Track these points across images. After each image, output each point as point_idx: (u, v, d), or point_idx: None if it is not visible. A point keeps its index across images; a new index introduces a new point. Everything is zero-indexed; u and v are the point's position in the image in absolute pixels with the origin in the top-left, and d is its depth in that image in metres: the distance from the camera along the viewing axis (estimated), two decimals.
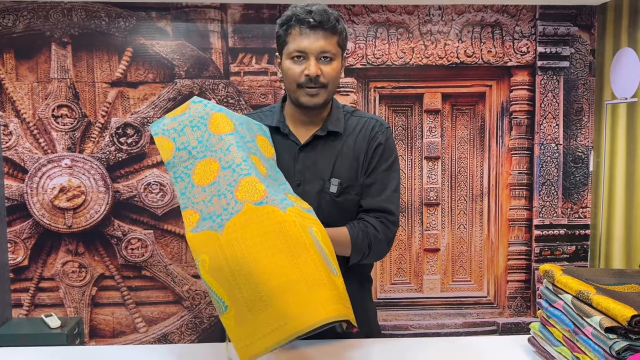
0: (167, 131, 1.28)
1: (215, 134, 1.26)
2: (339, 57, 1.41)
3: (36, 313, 2.94)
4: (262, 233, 1.13)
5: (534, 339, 1.35)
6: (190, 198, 1.23)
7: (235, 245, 1.12)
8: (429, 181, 3.06)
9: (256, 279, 1.10)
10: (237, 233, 1.14)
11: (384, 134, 1.49)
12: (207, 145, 1.25)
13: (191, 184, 1.24)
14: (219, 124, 1.27)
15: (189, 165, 1.25)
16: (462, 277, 3.13)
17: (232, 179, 1.20)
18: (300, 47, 1.36)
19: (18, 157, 2.89)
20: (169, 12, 2.88)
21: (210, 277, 1.13)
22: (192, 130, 1.27)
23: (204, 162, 1.25)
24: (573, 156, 3.08)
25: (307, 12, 1.35)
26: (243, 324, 1.10)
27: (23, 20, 2.83)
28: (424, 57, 2.99)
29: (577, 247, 3.12)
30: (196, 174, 1.24)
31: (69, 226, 2.93)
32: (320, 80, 1.37)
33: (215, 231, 1.15)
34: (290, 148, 1.46)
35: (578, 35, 3.02)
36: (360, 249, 1.41)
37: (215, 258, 1.13)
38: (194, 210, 1.21)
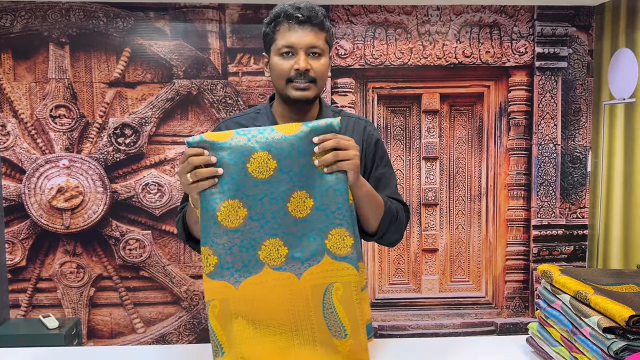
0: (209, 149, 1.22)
1: (252, 177, 1.21)
2: (326, 54, 1.42)
3: (34, 314, 2.94)
4: (273, 298, 1.23)
5: (532, 339, 1.35)
6: (210, 235, 1.21)
7: (247, 304, 1.22)
8: (427, 181, 3.06)
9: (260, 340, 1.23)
10: (252, 293, 1.22)
11: (377, 132, 1.55)
12: (240, 186, 1.21)
13: (214, 219, 1.20)
14: (259, 165, 1.21)
15: (217, 199, 1.20)
16: (461, 278, 3.13)
17: (258, 235, 1.22)
18: (289, 42, 1.36)
19: (16, 157, 2.88)
20: (167, 12, 2.88)
21: (216, 322, 1.21)
22: (228, 164, 1.21)
23: (233, 203, 1.21)
24: (571, 156, 3.09)
25: (295, 8, 1.36)
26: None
27: (21, 21, 2.82)
28: (422, 57, 2.99)
29: (575, 248, 3.12)
30: (222, 212, 1.21)
31: (66, 227, 2.93)
32: (309, 75, 1.37)
33: (232, 285, 1.22)
34: None
35: (576, 35, 3.02)
36: (390, 213, 1.41)
37: (226, 307, 1.22)
38: (213, 252, 1.21)
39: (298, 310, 1.24)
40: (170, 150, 2.95)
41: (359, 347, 1.24)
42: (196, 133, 2.94)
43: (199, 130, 2.94)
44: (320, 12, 1.38)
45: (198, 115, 2.94)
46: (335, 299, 1.23)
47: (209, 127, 2.94)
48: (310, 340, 1.24)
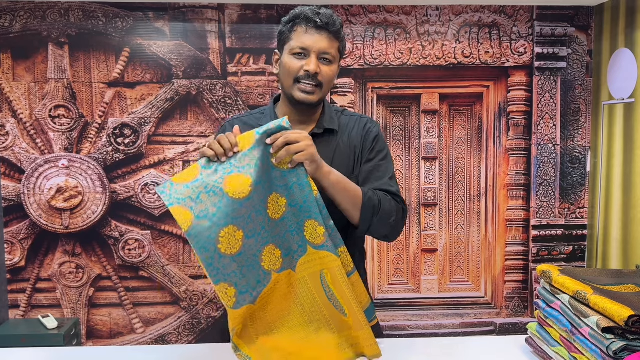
0: (182, 200, 1.22)
1: (234, 199, 1.23)
2: (336, 62, 1.45)
3: (33, 314, 2.94)
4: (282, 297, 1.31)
5: (532, 339, 1.35)
6: (220, 270, 1.22)
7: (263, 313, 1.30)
8: (427, 182, 3.07)
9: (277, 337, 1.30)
10: (265, 301, 1.29)
11: (377, 128, 1.56)
12: (227, 212, 1.22)
13: (218, 254, 1.21)
14: (235, 187, 1.24)
15: (211, 234, 1.21)
16: (460, 278, 3.13)
17: (256, 249, 1.28)
18: (304, 44, 1.39)
19: (15, 157, 2.88)
20: (167, 12, 2.88)
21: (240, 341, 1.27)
22: (208, 197, 1.23)
23: (228, 230, 1.22)
24: (570, 157, 3.09)
25: (315, 13, 1.39)
26: None
27: (20, 21, 2.82)
28: (422, 57, 2.99)
29: (575, 248, 3.12)
30: (221, 242, 1.22)
31: (66, 227, 2.93)
32: (317, 78, 1.40)
33: (252, 304, 1.27)
34: None
35: (575, 36, 3.03)
36: (371, 204, 1.40)
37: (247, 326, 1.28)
38: (228, 284, 1.23)
39: (303, 298, 1.32)
40: (170, 151, 2.95)
41: (360, 324, 1.31)
42: (195, 132, 2.94)
43: (198, 130, 2.94)
44: (338, 21, 1.41)
45: (197, 115, 2.94)
46: (330, 282, 1.31)
47: (209, 127, 2.94)
48: (324, 322, 1.32)
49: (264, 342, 1.28)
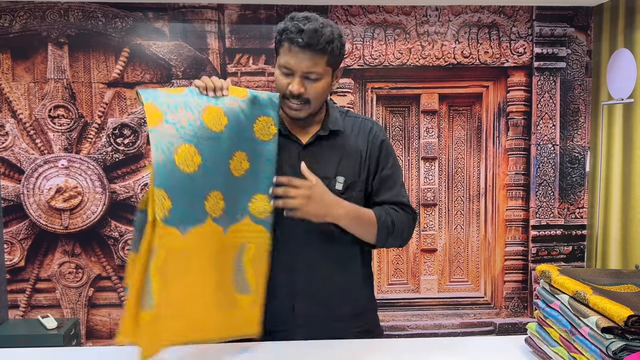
0: (159, 102, 1.25)
1: (207, 128, 1.27)
2: (327, 76, 1.40)
3: (33, 314, 2.93)
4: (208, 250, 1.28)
5: (531, 339, 1.35)
6: (167, 178, 1.20)
7: (187, 254, 1.24)
8: (426, 182, 3.07)
9: (188, 289, 1.25)
10: (194, 242, 1.25)
11: (383, 132, 1.56)
12: (197, 133, 1.25)
13: (171, 162, 1.21)
14: (213, 118, 1.28)
15: (174, 141, 1.22)
16: (459, 278, 3.13)
17: (207, 187, 1.27)
18: (287, 63, 1.36)
19: (14, 157, 2.88)
20: (166, 12, 2.88)
21: (156, 273, 1.19)
22: (185, 111, 1.26)
23: (189, 147, 1.24)
24: (570, 157, 3.09)
25: (298, 30, 1.33)
26: (155, 323, 1.20)
27: (20, 21, 2.82)
28: (421, 57, 2.99)
29: (574, 248, 3.12)
30: (179, 154, 1.22)
31: (65, 227, 2.92)
32: (303, 97, 1.39)
33: (180, 233, 1.22)
34: (293, 148, 1.47)
35: (574, 36, 3.03)
36: (385, 226, 1.44)
37: (169, 258, 1.21)
38: (168, 195, 1.20)
39: (220, 264, 1.30)
40: None
41: (258, 301, 1.35)
42: None
43: None
44: (323, 37, 1.34)
45: None
46: (246, 258, 1.33)
47: None
48: (224, 294, 1.31)
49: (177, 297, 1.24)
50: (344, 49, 1.44)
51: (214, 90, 1.31)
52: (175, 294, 1.23)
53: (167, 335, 1.23)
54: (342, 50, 1.43)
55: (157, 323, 1.20)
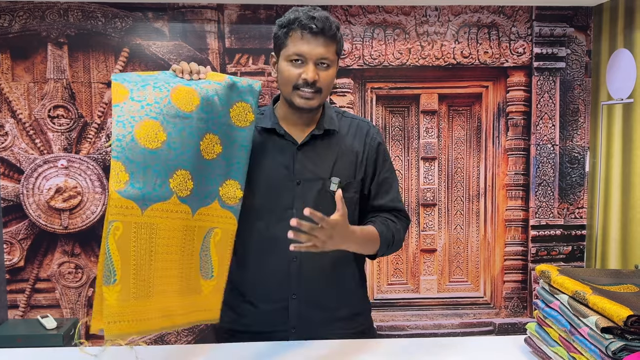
0: (127, 81, 1.26)
1: (175, 107, 1.26)
2: (335, 64, 1.43)
3: (32, 314, 2.93)
4: (172, 229, 1.27)
5: (531, 339, 1.35)
6: (125, 150, 1.20)
7: (150, 231, 1.23)
8: (426, 182, 3.07)
9: (152, 270, 1.23)
10: (156, 219, 1.24)
11: (379, 135, 1.57)
12: (163, 110, 1.25)
13: (131, 136, 1.21)
14: (183, 97, 1.28)
15: (136, 117, 1.22)
16: (459, 278, 3.13)
17: (172, 165, 1.25)
18: (300, 50, 1.37)
19: (14, 157, 2.88)
20: (166, 12, 2.88)
21: (115, 246, 1.19)
22: (153, 90, 1.26)
23: (153, 123, 1.23)
24: (569, 157, 3.09)
25: (310, 17, 1.36)
26: (124, 300, 1.20)
27: (19, 21, 2.82)
28: (421, 57, 2.99)
29: (574, 248, 3.13)
30: (141, 129, 1.22)
31: (65, 227, 2.92)
32: (316, 85, 1.39)
33: (139, 207, 1.21)
34: (288, 148, 1.47)
35: (574, 36, 3.03)
36: (386, 240, 1.47)
37: (127, 231, 1.20)
38: (125, 168, 1.20)
39: (186, 246, 1.30)
40: None
41: (219, 287, 1.36)
42: None
43: None
44: (334, 23, 1.39)
45: None
46: (212, 242, 1.34)
47: None
48: (188, 278, 1.31)
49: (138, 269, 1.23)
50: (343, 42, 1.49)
51: (190, 74, 1.33)
52: (141, 273, 1.22)
53: (132, 316, 1.22)
54: (343, 43, 1.47)
55: (124, 300, 1.20)
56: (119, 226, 1.19)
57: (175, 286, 1.28)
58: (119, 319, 1.20)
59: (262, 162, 1.46)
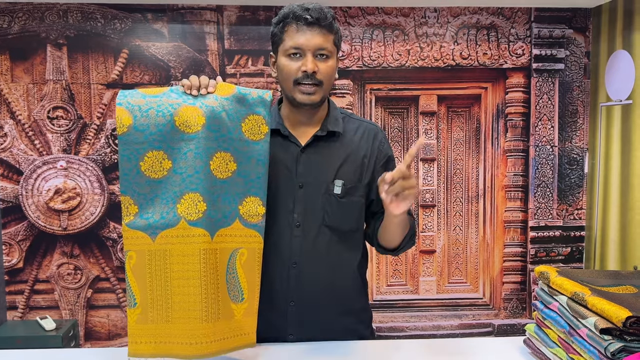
0: (131, 106, 1.24)
1: (179, 130, 1.24)
2: (334, 56, 1.40)
3: (31, 315, 2.93)
4: (187, 254, 1.25)
5: (530, 341, 1.35)
6: (132, 184, 1.23)
7: (162, 256, 1.25)
8: (425, 183, 3.07)
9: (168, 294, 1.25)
10: (168, 246, 1.25)
11: (386, 140, 1.55)
12: (166, 138, 1.24)
13: (137, 169, 1.23)
14: (187, 118, 1.25)
15: (140, 149, 1.23)
16: (458, 279, 3.13)
17: (179, 189, 1.25)
18: (297, 43, 1.35)
19: (13, 158, 2.88)
20: (165, 13, 2.88)
21: (131, 273, 1.25)
22: (155, 115, 1.24)
23: (157, 154, 1.24)
24: (568, 158, 3.09)
25: (304, 9, 1.35)
26: (143, 323, 1.25)
27: (18, 22, 2.82)
28: (420, 59, 3.00)
29: (573, 249, 3.13)
30: (145, 162, 1.23)
31: (64, 228, 2.92)
32: (316, 77, 1.36)
33: (149, 236, 1.25)
34: (291, 150, 1.44)
35: (573, 37, 3.03)
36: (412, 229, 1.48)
37: (141, 259, 1.25)
38: (134, 201, 1.24)
39: (208, 270, 1.26)
40: None
41: (252, 310, 1.32)
42: None
43: None
44: (329, 13, 1.37)
45: None
46: (238, 264, 1.30)
47: None
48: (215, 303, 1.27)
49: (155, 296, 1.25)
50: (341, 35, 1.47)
51: (198, 89, 1.28)
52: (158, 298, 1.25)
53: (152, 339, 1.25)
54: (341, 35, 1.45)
55: (143, 323, 1.25)
56: (132, 255, 1.24)
57: (198, 312, 1.25)
58: (138, 340, 1.25)
59: None
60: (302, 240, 1.42)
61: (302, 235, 1.42)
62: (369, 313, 1.60)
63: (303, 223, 1.42)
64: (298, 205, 1.42)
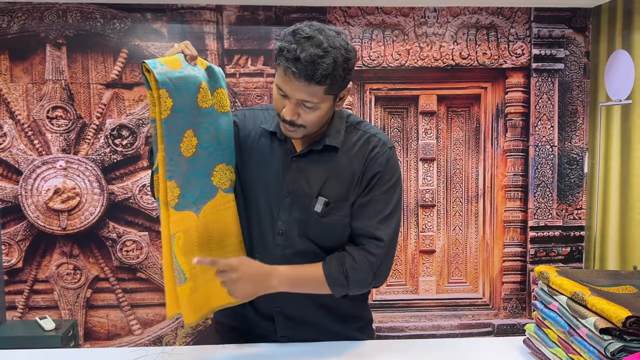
0: (169, 87, 1.19)
1: (198, 106, 1.27)
2: (326, 102, 1.26)
3: (30, 315, 2.93)
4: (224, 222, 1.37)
5: (529, 341, 1.35)
6: (175, 168, 1.24)
7: (206, 229, 1.32)
8: (425, 183, 3.07)
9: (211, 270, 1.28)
10: (209, 217, 1.33)
11: (385, 156, 1.37)
12: (193, 115, 1.26)
13: (178, 152, 1.24)
14: (204, 94, 1.29)
15: (179, 130, 1.24)
16: (458, 279, 3.13)
17: (209, 162, 1.32)
18: (282, 87, 1.24)
19: (12, 158, 2.88)
20: (164, 13, 2.88)
21: (180, 253, 1.27)
22: (186, 93, 1.23)
23: (189, 132, 1.26)
24: (568, 158, 3.09)
25: (294, 58, 1.17)
26: (196, 293, 1.30)
27: (18, 22, 2.82)
28: (420, 59, 2.99)
29: (572, 249, 3.13)
30: (184, 142, 1.25)
31: (63, 228, 2.92)
32: (296, 122, 1.26)
33: (194, 213, 1.30)
34: (284, 155, 1.37)
35: (572, 37, 3.03)
36: (337, 282, 1.31)
37: (189, 237, 1.29)
38: (177, 184, 1.25)
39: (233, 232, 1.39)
40: None
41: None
42: None
43: None
44: (320, 67, 1.18)
45: None
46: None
47: None
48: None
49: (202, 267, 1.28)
50: (350, 74, 1.28)
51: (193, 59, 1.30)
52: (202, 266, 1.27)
53: (203, 302, 1.32)
54: (348, 76, 1.27)
55: (193, 294, 1.30)
56: (180, 235, 1.26)
57: None
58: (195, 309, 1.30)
59: (260, 164, 1.39)
60: (284, 249, 1.36)
61: (284, 244, 1.36)
62: (364, 320, 1.52)
63: (286, 232, 1.36)
64: (283, 213, 1.36)
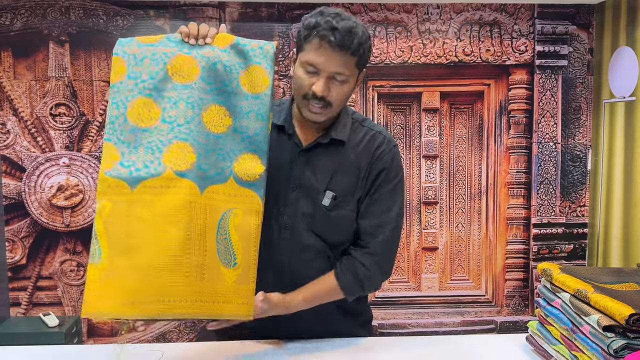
0: (126, 55, 1.20)
1: (171, 79, 1.19)
2: (353, 78, 1.30)
3: (34, 312, 2.94)
4: (173, 206, 1.13)
5: (532, 338, 1.35)
6: (117, 132, 1.17)
7: (142, 206, 1.13)
8: (428, 180, 3.06)
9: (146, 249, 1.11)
10: (150, 196, 1.13)
11: (390, 154, 1.41)
12: (158, 86, 1.19)
13: (124, 117, 1.18)
14: (181, 68, 1.20)
15: (129, 96, 1.19)
16: (461, 276, 3.13)
17: (167, 138, 1.16)
18: (314, 62, 1.25)
19: (16, 155, 2.88)
20: (167, 10, 2.88)
21: (101, 225, 1.12)
22: (149, 63, 1.19)
23: (146, 101, 1.18)
24: (571, 155, 3.08)
25: (332, 28, 1.22)
26: (107, 281, 1.10)
27: (21, 19, 2.82)
28: (423, 55, 2.99)
29: (575, 246, 3.12)
30: (133, 108, 1.18)
31: (67, 225, 2.93)
32: (326, 99, 1.28)
33: (129, 185, 1.13)
34: (292, 149, 1.38)
35: (576, 34, 3.02)
36: (353, 292, 1.39)
37: (117, 210, 1.12)
38: (116, 148, 1.16)
39: (195, 226, 1.14)
40: None
41: (246, 278, 1.19)
42: None
43: None
44: (356, 37, 1.23)
45: None
46: (231, 225, 1.19)
47: None
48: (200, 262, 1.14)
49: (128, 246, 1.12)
50: (370, 53, 1.34)
51: (196, 38, 1.22)
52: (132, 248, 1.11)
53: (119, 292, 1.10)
54: (370, 53, 1.32)
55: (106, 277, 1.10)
56: (106, 205, 1.12)
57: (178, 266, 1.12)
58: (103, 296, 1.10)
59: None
60: (290, 242, 1.37)
61: (290, 238, 1.37)
62: (365, 316, 1.55)
63: (292, 226, 1.37)
64: (289, 207, 1.36)
